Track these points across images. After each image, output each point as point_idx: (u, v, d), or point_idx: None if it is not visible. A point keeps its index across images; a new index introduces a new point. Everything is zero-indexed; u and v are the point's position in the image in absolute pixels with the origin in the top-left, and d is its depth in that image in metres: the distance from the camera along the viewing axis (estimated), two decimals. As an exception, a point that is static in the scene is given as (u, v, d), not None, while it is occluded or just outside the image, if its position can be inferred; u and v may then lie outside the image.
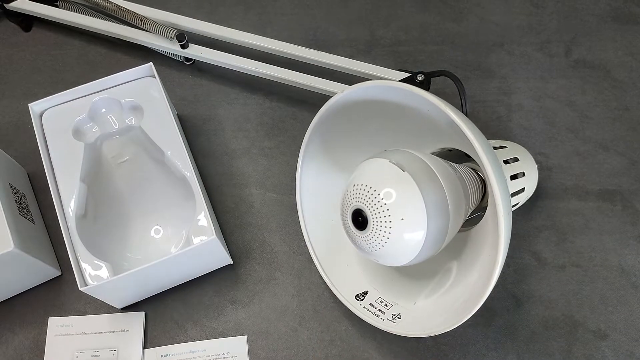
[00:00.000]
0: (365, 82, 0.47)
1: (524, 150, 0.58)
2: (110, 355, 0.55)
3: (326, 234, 0.57)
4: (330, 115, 0.52)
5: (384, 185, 0.43)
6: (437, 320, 0.48)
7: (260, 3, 0.74)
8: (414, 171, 0.43)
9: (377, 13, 0.73)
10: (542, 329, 0.56)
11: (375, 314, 0.53)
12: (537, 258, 0.59)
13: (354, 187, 0.44)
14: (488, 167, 0.40)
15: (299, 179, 0.57)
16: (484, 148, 0.41)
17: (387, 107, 0.50)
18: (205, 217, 0.53)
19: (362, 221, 0.43)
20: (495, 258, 0.41)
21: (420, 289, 0.53)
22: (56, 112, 0.58)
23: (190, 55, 0.66)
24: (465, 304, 0.45)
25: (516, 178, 0.54)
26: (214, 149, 0.65)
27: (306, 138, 0.55)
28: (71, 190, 0.54)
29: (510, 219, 0.42)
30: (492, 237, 0.46)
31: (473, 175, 0.51)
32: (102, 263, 0.51)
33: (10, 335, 0.57)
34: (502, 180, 0.41)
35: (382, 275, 0.56)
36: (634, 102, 0.66)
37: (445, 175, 0.45)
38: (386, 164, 0.44)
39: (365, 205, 0.43)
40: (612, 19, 0.72)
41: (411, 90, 0.44)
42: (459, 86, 0.56)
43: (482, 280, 0.45)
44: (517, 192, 0.54)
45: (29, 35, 0.72)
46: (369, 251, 0.45)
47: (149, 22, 0.65)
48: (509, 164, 0.53)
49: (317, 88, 0.63)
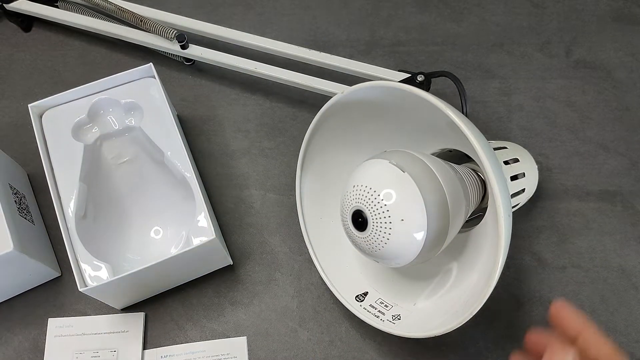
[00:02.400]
0: (365, 82, 0.47)
1: (524, 150, 0.58)
2: (110, 356, 0.55)
3: (326, 235, 0.58)
4: (330, 115, 0.52)
5: (384, 186, 0.43)
6: (437, 321, 0.48)
7: (260, 3, 0.74)
8: (414, 172, 0.43)
9: (377, 13, 0.73)
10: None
11: (376, 315, 0.53)
12: (537, 259, 0.59)
13: (354, 188, 0.44)
14: (488, 168, 0.40)
15: (299, 179, 0.57)
16: (484, 149, 0.41)
17: (387, 108, 0.49)
18: (205, 218, 0.53)
19: (362, 222, 0.43)
20: (495, 259, 0.41)
21: (421, 290, 0.53)
22: (56, 112, 0.58)
23: (190, 55, 0.66)
24: (465, 305, 0.45)
25: (516, 179, 0.54)
26: (214, 149, 0.65)
27: (306, 139, 0.55)
28: (71, 190, 0.54)
29: (510, 220, 0.42)
30: (493, 238, 0.46)
31: (473, 175, 0.51)
32: (102, 264, 0.51)
33: (10, 336, 0.57)
34: (502, 181, 0.41)
35: (382, 276, 0.56)
36: (634, 102, 0.66)
37: (445, 176, 0.45)
38: (386, 165, 0.44)
39: (365, 206, 0.43)
40: (612, 19, 0.72)
41: (411, 91, 0.44)
42: (459, 87, 0.56)
43: (482, 281, 0.45)
44: (518, 192, 0.54)
45: (29, 35, 0.72)
46: (369, 252, 0.45)
47: (149, 23, 0.65)
48: (509, 164, 0.53)
49: (317, 89, 0.63)
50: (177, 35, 0.64)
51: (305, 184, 0.57)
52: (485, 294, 0.42)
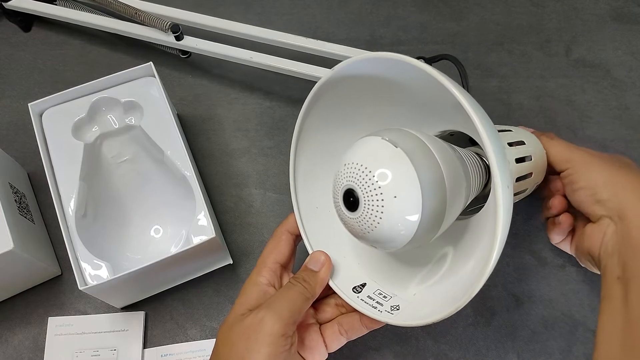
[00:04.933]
0: (365, 53, 0.44)
1: (531, 135, 0.54)
2: (110, 354, 0.55)
3: (323, 225, 0.56)
4: (323, 97, 0.49)
5: (376, 163, 0.40)
6: (432, 307, 0.46)
7: (260, 2, 0.74)
8: (408, 148, 0.40)
9: (377, 13, 0.73)
10: (542, 329, 0.56)
11: (374, 306, 0.51)
12: (537, 257, 0.59)
13: (345, 167, 0.42)
14: (483, 135, 0.38)
15: (292, 168, 0.54)
16: (479, 116, 0.38)
17: (383, 88, 0.47)
18: (205, 217, 0.53)
19: (354, 201, 0.41)
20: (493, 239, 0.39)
21: (420, 278, 0.51)
22: (56, 111, 0.58)
23: (185, 47, 0.65)
24: (462, 292, 0.44)
25: (523, 161, 0.51)
26: (214, 148, 0.65)
27: (299, 121, 0.52)
28: (71, 189, 0.54)
29: (510, 193, 0.39)
30: (492, 225, 0.44)
31: (476, 158, 0.48)
32: (102, 262, 0.52)
33: (10, 335, 0.57)
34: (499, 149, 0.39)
35: (380, 266, 0.55)
36: (634, 101, 0.66)
37: (443, 153, 0.42)
38: (378, 141, 0.41)
39: (356, 185, 0.40)
40: (612, 18, 0.72)
41: (416, 64, 0.41)
42: (460, 69, 0.55)
43: (479, 267, 0.43)
44: (524, 176, 0.51)
45: (29, 34, 0.72)
46: (362, 234, 0.42)
47: (144, 15, 0.64)
48: (513, 146, 0.51)
49: (315, 77, 0.62)
50: (171, 26, 0.63)
51: (300, 171, 0.55)
52: (481, 280, 0.40)
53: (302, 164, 0.55)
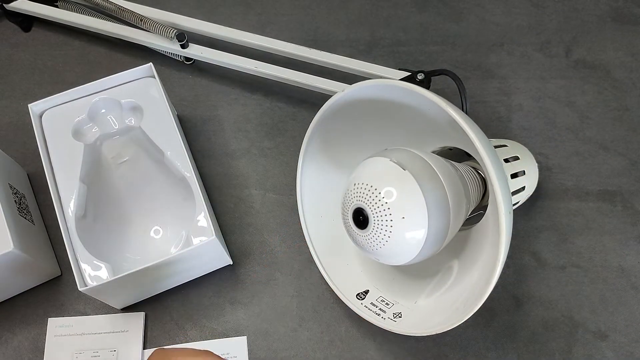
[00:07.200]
0: (365, 81, 0.47)
1: (524, 149, 0.58)
2: (110, 355, 0.55)
3: (327, 233, 0.57)
4: (331, 114, 0.52)
5: (385, 184, 0.43)
6: (437, 319, 0.48)
7: (260, 3, 0.74)
8: (414, 170, 0.43)
9: (377, 13, 0.73)
10: (542, 330, 0.56)
11: (377, 313, 0.53)
12: (537, 259, 0.59)
13: (355, 186, 0.44)
14: (489, 166, 0.40)
15: (300, 178, 0.57)
16: (485, 146, 0.41)
17: (387, 106, 0.49)
18: (205, 218, 0.53)
19: (363, 220, 0.43)
20: (496, 257, 0.41)
21: (422, 288, 0.53)
22: (56, 112, 0.58)
23: (191, 55, 0.66)
24: (466, 303, 0.45)
25: (517, 176, 0.54)
26: (214, 149, 0.65)
27: (306, 137, 0.55)
28: (71, 190, 0.54)
29: (511, 217, 0.42)
30: (493, 236, 0.46)
31: (473, 173, 0.51)
32: (102, 263, 0.51)
33: (10, 336, 0.57)
34: (502, 178, 0.41)
35: (383, 274, 0.56)
36: (634, 102, 0.66)
37: (446, 173, 0.45)
38: (387, 163, 0.44)
39: (366, 204, 0.43)
40: (612, 19, 0.72)
41: (412, 88, 0.44)
42: (459, 85, 0.56)
43: (483, 279, 0.45)
44: (518, 190, 0.54)
45: (29, 35, 0.72)
46: (370, 250, 0.45)
47: (149, 22, 0.65)
48: (509, 162, 0.53)
49: (317, 87, 0.63)
50: (177, 35, 0.64)
51: (306, 183, 0.57)
52: (486, 292, 0.42)
53: (307, 177, 0.58)
